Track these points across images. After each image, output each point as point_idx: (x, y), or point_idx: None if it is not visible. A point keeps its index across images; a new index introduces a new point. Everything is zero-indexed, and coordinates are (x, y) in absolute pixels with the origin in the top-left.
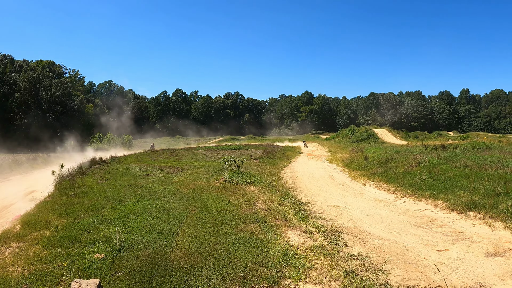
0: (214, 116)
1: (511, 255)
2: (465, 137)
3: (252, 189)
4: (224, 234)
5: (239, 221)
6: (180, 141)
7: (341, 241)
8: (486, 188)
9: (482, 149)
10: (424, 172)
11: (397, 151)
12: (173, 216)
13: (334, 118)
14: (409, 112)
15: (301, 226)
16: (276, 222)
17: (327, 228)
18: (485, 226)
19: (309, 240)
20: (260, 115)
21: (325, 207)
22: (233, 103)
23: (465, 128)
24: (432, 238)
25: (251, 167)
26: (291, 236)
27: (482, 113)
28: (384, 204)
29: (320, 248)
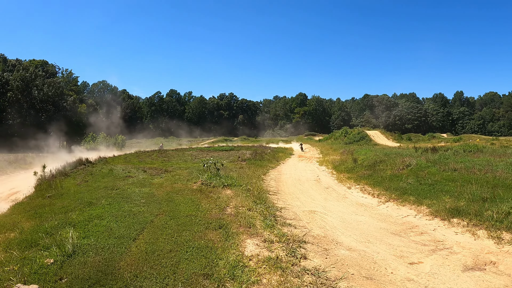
0: (208, 117)
1: (491, 268)
2: (458, 139)
3: (227, 193)
4: (181, 241)
5: (201, 227)
6: (173, 142)
7: (301, 252)
8: (473, 193)
9: (473, 151)
10: (411, 175)
11: (387, 154)
12: (137, 220)
13: (328, 120)
14: (403, 114)
15: (263, 234)
16: (239, 229)
17: (290, 237)
18: (468, 234)
19: (265, 251)
20: (254, 116)
21: (300, 213)
22: (227, 104)
23: (459, 130)
24: (407, 249)
25: (235, 169)
26: (248, 245)
27: (476, 115)
28: (365, 209)
29: (273, 261)
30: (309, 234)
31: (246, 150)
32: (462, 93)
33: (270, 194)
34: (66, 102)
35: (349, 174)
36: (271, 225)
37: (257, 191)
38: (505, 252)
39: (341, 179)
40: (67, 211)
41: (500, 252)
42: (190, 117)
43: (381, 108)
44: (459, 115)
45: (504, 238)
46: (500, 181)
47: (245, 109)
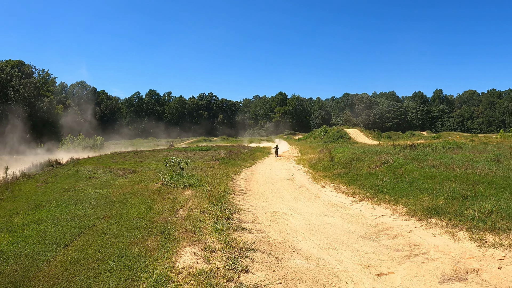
0: (187, 117)
1: (474, 278)
2: (438, 136)
3: (187, 193)
4: (115, 249)
5: (143, 233)
6: (153, 143)
7: (245, 263)
8: (452, 190)
9: (453, 148)
10: (388, 173)
11: (365, 151)
12: (78, 224)
13: (308, 119)
14: (383, 112)
15: (207, 241)
16: (183, 234)
17: (237, 244)
18: (447, 236)
19: (201, 262)
20: (234, 116)
21: (262, 214)
22: (207, 104)
23: (439, 128)
24: (377, 256)
25: (204, 169)
26: (184, 254)
27: (455, 113)
28: (336, 210)
29: (206, 275)
30: (263, 239)
31: (224, 150)
32: (441, 91)
33: (235, 194)
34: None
35: (325, 173)
36: (220, 230)
37: (218, 192)
38: (489, 257)
39: (316, 177)
40: (12, 214)
41: (484, 257)
42: (170, 118)
43: (361, 107)
44: (438, 113)
45: (488, 240)
46: (481, 177)
47: (225, 109)
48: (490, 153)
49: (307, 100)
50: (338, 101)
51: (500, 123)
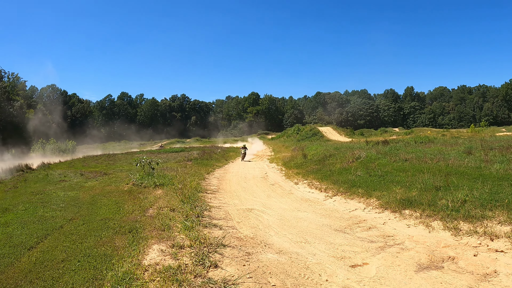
0: (160, 119)
1: (450, 266)
2: (410, 132)
3: (157, 193)
4: (81, 249)
5: (110, 232)
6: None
7: (214, 259)
8: (425, 182)
9: (425, 142)
10: (361, 167)
11: (338, 148)
12: (45, 226)
13: (281, 118)
14: (355, 110)
15: (176, 238)
16: (152, 233)
17: (207, 240)
18: (422, 226)
19: (169, 259)
20: (207, 117)
21: (233, 211)
22: (180, 105)
23: (411, 124)
24: (351, 248)
25: (177, 169)
26: (152, 252)
27: (427, 109)
28: (309, 205)
29: (173, 271)
30: (234, 235)
31: (197, 150)
32: (412, 88)
33: (207, 193)
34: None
35: (298, 170)
36: (190, 227)
37: (189, 190)
38: (464, 245)
39: (290, 175)
40: None
41: (459, 245)
42: (142, 120)
43: (334, 105)
44: (410, 109)
45: (462, 229)
46: (453, 168)
47: (197, 110)
48: (462, 146)
49: (279, 100)
50: (310, 100)
51: (471, 118)
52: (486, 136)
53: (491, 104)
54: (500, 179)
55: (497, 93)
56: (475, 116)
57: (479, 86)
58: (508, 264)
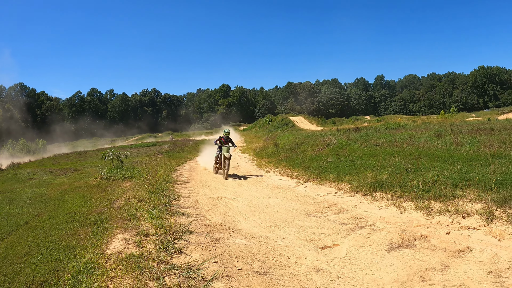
0: (131, 115)
1: (422, 244)
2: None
3: (126, 185)
4: (45, 243)
5: (75, 225)
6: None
7: (179, 245)
8: (396, 165)
9: (395, 128)
10: (332, 154)
11: (309, 136)
12: (10, 223)
13: (253, 109)
14: (327, 99)
15: (142, 227)
16: (117, 223)
17: (172, 227)
18: (393, 208)
19: (133, 247)
20: (178, 110)
21: (203, 200)
22: (150, 100)
23: (382, 112)
24: (321, 230)
25: (147, 162)
26: (115, 241)
27: (397, 97)
28: (280, 192)
29: (136, 258)
30: (202, 222)
31: (169, 144)
32: (383, 76)
33: (177, 183)
34: None
35: (270, 159)
36: (156, 216)
37: (157, 180)
38: (437, 224)
39: (261, 164)
40: None
41: (431, 224)
42: (113, 116)
43: (305, 95)
44: (380, 97)
45: (434, 208)
46: (424, 151)
47: (168, 104)
48: (432, 130)
49: (250, 91)
50: (281, 90)
51: (441, 105)
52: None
53: (460, 91)
54: (470, 159)
55: (466, 80)
56: (445, 102)
57: (449, 74)
58: (480, 240)
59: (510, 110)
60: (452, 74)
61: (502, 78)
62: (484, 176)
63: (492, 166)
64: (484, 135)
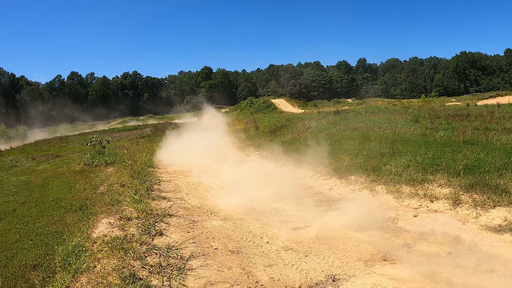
0: (112, 98)
1: (390, 226)
2: (362, 103)
3: (109, 171)
4: (34, 229)
5: (61, 211)
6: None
7: (160, 228)
8: (372, 149)
9: (375, 112)
10: (311, 137)
11: (289, 119)
12: None
13: (235, 92)
14: (308, 82)
15: (125, 211)
16: (101, 208)
17: (153, 211)
18: (366, 191)
19: (117, 230)
20: (160, 93)
21: (184, 184)
22: (132, 83)
23: (363, 95)
24: (295, 212)
25: (129, 146)
26: (101, 225)
27: (379, 80)
28: (259, 175)
29: (120, 241)
30: (182, 206)
31: (151, 127)
32: (365, 60)
33: (159, 168)
34: None
35: (250, 142)
36: (138, 200)
37: (139, 166)
38: (406, 206)
39: (242, 147)
40: None
41: (400, 207)
42: (94, 100)
43: (287, 77)
44: (362, 81)
45: (404, 192)
46: (400, 136)
47: (150, 87)
48: (411, 115)
49: (232, 73)
50: (263, 73)
51: (422, 89)
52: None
53: (442, 76)
54: (444, 145)
55: (448, 65)
56: (426, 87)
57: (431, 58)
58: (446, 223)
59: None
60: (434, 59)
61: (483, 64)
62: (454, 161)
63: (463, 152)
64: (460, 121)
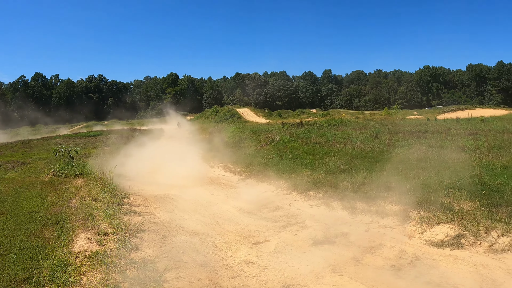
0: (76, 101)
1: (341, 240)
2: (326, 114)
3: (78, 182)
4: (14, 243)
5: (39, 225)
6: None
7: (135, 243)
8: (331, 165)
9: (338, 125)
10: (273, 151)
11: (253, 131)
12: None
13: (200, 99)
14: (274, 91)
15: (100, 226)
16: (77, 222)
17: (127, 226)
18: (323, 206)
19: (96, 245)
20: (125, 98)
21: (151, 198)
22: (96, 86)
23: (328, 105)
24: (256, 228)
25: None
26: (80, 240)
27: (344, 91)
28: (223, 188)
29: (100, 255)
30: (152, 220)
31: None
32: (330, 71)
33: (126, 179)
34: None
35: (214, 153)
36: (111, 215)
37: (108, 178)
38: (358, 222)
39: (206, 158)
40: None
41: (353, 222)
42: (58, 102)
43: (253, 86)
44: (327, 91)
45: (358, 208)
46: (358, 152)
47: (115, 91)
48: (371, 129)
49: (199, 80)
50: (229, 81)
51: (386, 101)
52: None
53: (405, 88)
54: (399, 162)
55: (411, 78)
56: (389, 99)
57: (395, 71)
58: (393, 238)
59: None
60: (398, 72)
61: (446, 78)
62: (406, 179)
63: (415, 170)
64: (417, 138)
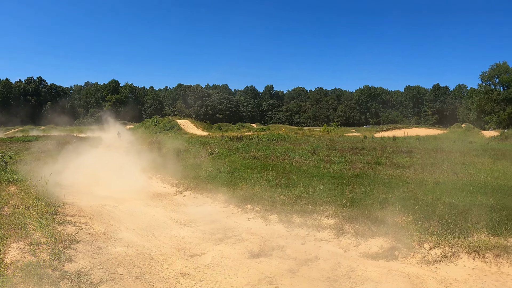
0: (13, 103)
1: (278, 253)
2: (266, 128)
3: (11, 189)
4: None
5: None
6: None
7: (69, 254)
8: (269, 179)
9: (277, 140)
10: (212, 163)
11: (193, 143)
12: None
13: (141, 108)
14: (215, 104)
15: (33, 236)
16: (9, 232)
17: (61, 237)
18: (260, 220)
19: (28, 256)
20: (64, 103)
21: (87, 207)
22: (35, 89)
23: (268, 120)
24: (193, 240)
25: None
26: (12, 250)
27: (284, 107)
28: (160, 200)
29: (33, 266)
30: (87, 231)
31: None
32: (272, 86)
33: (62, 188)
34: None
35: (153, 164)
36: (45, 225)
37: (42, 187)
38: (295, 235)
39: (145, 168)
40: None
41: (290, 236)
42: None
43: (194, 98)
44: (268, 106)
45: (294, 222)
46: (296, 167)
47: (54, 95)
48: (310, 145)
49: (140, 89)
50: (171, 91)
51: (325, 118)
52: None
53: (344, 107)
54: (335, 177)
55: (351, 97)
56: (329, 116)
57: (335, 90)
58: (329, 250)
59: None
60: (338, 91)
61: (384, 98)
62: (342, 194)
63: (351, 186)
64: (353, 154)
